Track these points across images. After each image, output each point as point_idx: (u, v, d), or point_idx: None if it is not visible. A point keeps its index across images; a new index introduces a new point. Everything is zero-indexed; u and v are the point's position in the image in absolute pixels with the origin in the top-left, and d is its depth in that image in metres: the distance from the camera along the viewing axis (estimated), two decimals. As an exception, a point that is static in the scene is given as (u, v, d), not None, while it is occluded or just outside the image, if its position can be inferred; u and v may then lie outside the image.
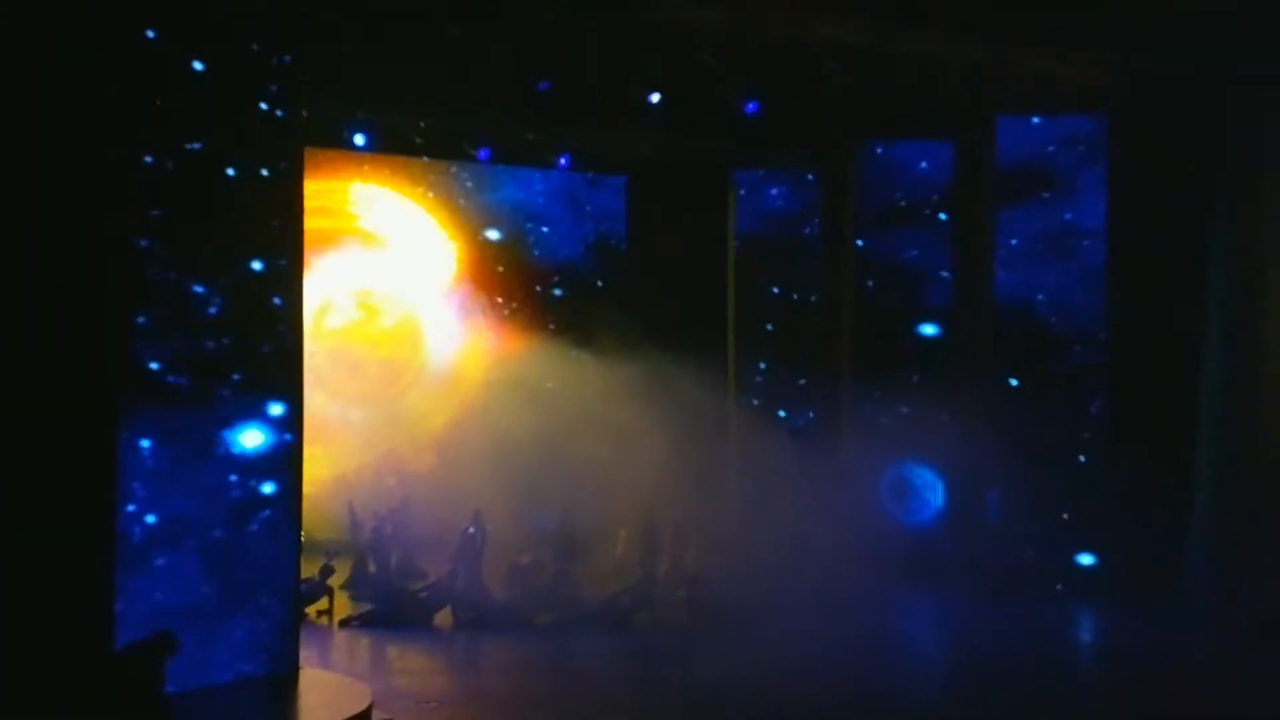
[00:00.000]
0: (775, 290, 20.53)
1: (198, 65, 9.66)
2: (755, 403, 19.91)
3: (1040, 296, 18.19)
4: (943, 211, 18.86)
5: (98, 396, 8.75)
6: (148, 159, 9.33)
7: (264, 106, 10.29)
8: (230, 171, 9.98)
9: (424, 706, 10.65)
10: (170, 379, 9.37)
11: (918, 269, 19.03)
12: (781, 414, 19.87)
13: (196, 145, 9.65)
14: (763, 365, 20.45)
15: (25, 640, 8.05)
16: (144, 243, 9.29)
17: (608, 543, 17.78)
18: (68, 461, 8.52)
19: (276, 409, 10.24)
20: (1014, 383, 17.90)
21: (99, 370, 8.75)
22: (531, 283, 21.53)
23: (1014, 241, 18.31)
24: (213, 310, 9.78)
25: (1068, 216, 18.09)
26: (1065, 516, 17.55)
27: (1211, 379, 16.12)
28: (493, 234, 21.35)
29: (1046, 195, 18.11)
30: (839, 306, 19.38)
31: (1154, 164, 16.80)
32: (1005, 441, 17.18)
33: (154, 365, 9.34)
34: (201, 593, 9.50)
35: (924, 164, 19.17)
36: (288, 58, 10.40)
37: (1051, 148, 18.18)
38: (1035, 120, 18.20)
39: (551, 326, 20.97)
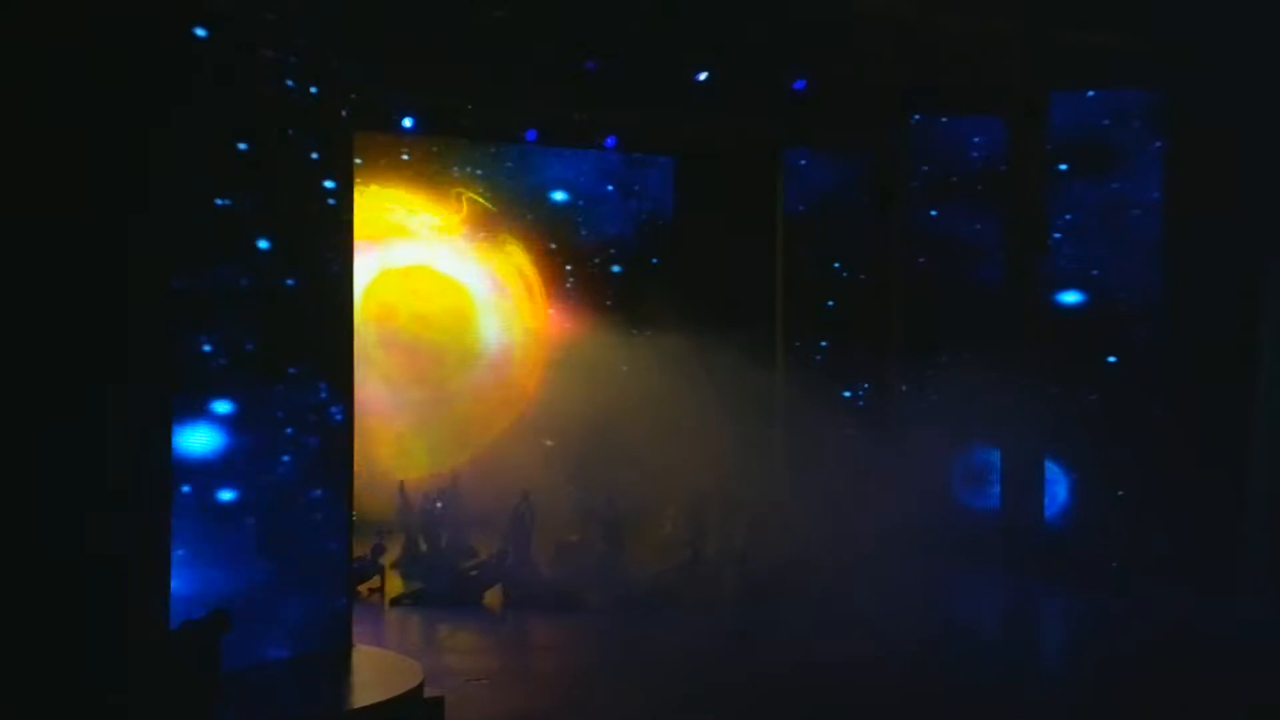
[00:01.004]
0: (825, 268, 20.47)
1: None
2: (804, 380, 19.86)
3: (1095, 272, 18.04)
4: (996, 187, 18.71)
5: (155, 383, 8.91)
6: (203, 139, 9.44)
7: (314, 90, 10.43)
8: (280, 155, 10.10)
9: (474, 684, 10.79)
10: (223, 362, 9.52)
11: (970, 245, 18.90)
12: (845, 393, 19.78)
13: (247, 130, 9.76)
14: (812, 343, 20.40)
15: (86, 619, 8.25)
16: (197, 222, 9.40)
17: (656, 521, 17.87)
18: (128, 444, 8.69)
19: (327, 390, 10.40)
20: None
21: (156, 356, 8.90)
22: (581, 263, 21.62)
23: (1068, 217, 18.15)
24: (265, 293, 9.92)
25: (1123, 192, 17.92)
26: (1120, 493, 17.45)
27: (1269, 369, 15.90)
28: (541, 214, 21.44)
29: (1102, 171, 17.94)
30: (889, 283, 19.30)
31: (1215, 141, 16.55)
32: (1062, 420, 17.09)
33: (207, 349, 9.50)
34: (256, 572, 9.67)
35: (977, 139, 19.02)
36: (337, 42, 10.53)
37: (1106, 122, 17.99)
38: (1090, 94, 18.02)
39: (601, 307, 21.05)
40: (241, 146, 9.76)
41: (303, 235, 10.28)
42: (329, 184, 10.56)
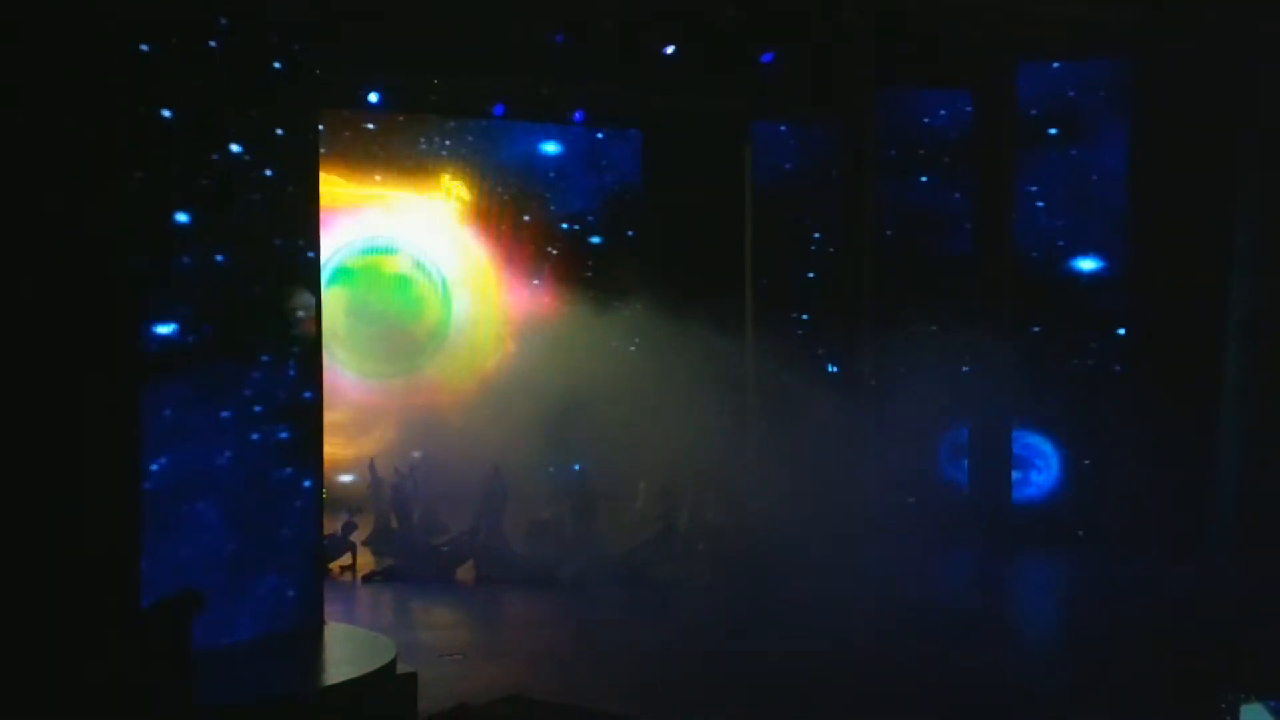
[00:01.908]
0: (794, 240, 20.53)
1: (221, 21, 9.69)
2: (777, 352, 19.92)
3: (1061, 243, 18.16)
4: (963, 158, 18.78)
5: (118, 356, 8.86)
6: (164, 117, 9.36)
7: (278, 66, 10.33)
8: (244, 132, 10.02)
9: (448, 659, 10.85)
10: (189, 338, 9.47)
11: (938, 217, 18.98)
12: (818, 365, 19.84)
13: (211, 108, 9.67)
14: (784, 315, 20.48)
15: (55, 600, 8.22)
16: (161, 202, 9.33)
17: (629, 496, 17.91)
18: (89, 421, 8.65)
19: (295, 368, 10.35)
20: (1035, 329, 17.93)
21: (120, 330, 8.85)
22: (551, 238, 21.61)
23: (1033, 188, 18.25)
24: (230, 269, 9.85)
25: (1088, 161, 18.03)
26: (1086, 463, 17.65)
27: (1238, 328, 16.07)
28: (510, 189, 21.40)
29: (1066, 141, 18.04)
30: (859, 256, 19.36)
31: (1178, 111, 16.67)
32: (1030, 390, 17.22)
33: (173, 325, 9.45)
34: (226, 550, 9.64)
35: (943, 111, 19.08)
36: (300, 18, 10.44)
37: (1072, 93, 18.08)
38: (1056, 65, 18.09)
39: (571, 281, 21.05)
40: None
41: (268, 212, 10.20)
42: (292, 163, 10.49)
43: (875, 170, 19.00)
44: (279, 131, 10.31)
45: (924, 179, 19.07)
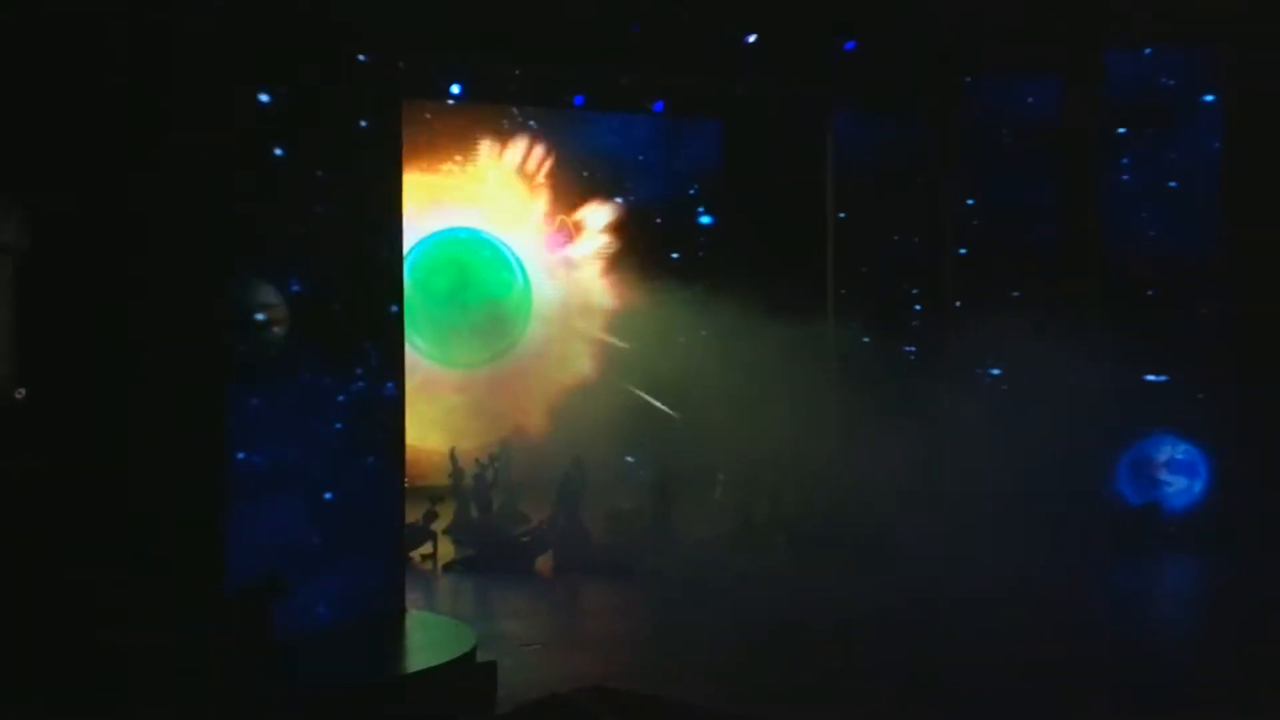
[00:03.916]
0: (877, 229, 20.24)
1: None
2: (858, 341, 19.68)
3: (1151, 233, 17.74)
4: (1050, 147, 18.40)
5: (206, 346, 9.00)
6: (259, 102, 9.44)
7: (361, 59, 10.40)
8: (328, 121, 10.10)
9: (527, 649, 10.85)
10: (274, 329, 9.57)
11: (1024, 206, 18.63)
12: (902, 356, 19.49)
13: (292, 99, 9.76)
14: (866, 305, 20.22)
15: (140, 585, 8.37)
16: (244, 189, 9.44)
17: (707, 488, 17.84)
18: (178, 410, 8.79)
19: (377, 358, 10.44)
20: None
21: (206, 319, 8.99)
22: (633, 226, 21.61)
23: (1125, 178, 17.85)
24: (314, 261, 9.95)
25: (1180, 150, 17.59)
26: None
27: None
28: (590, 177, 21.43)
29: (1159, 128, 17.61)
30: (943, 245, 19.08)
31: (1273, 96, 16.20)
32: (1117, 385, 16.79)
33: (259, 316, 9.56)
34: (309, 539, 9.76)
35: (1030, 99, 18.70)
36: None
37: (1164, 80, 17.64)
38: (1147, 51, 17.67)
39: (650, 271, 21.00)
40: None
41: (352, 202, 10.28)
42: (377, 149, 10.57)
43: (959, 158, 18.69)
44: (362, 123, 10.39)
45: (1012, 168, 18.70)
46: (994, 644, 11.03)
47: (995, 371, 17.94)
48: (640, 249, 21.39)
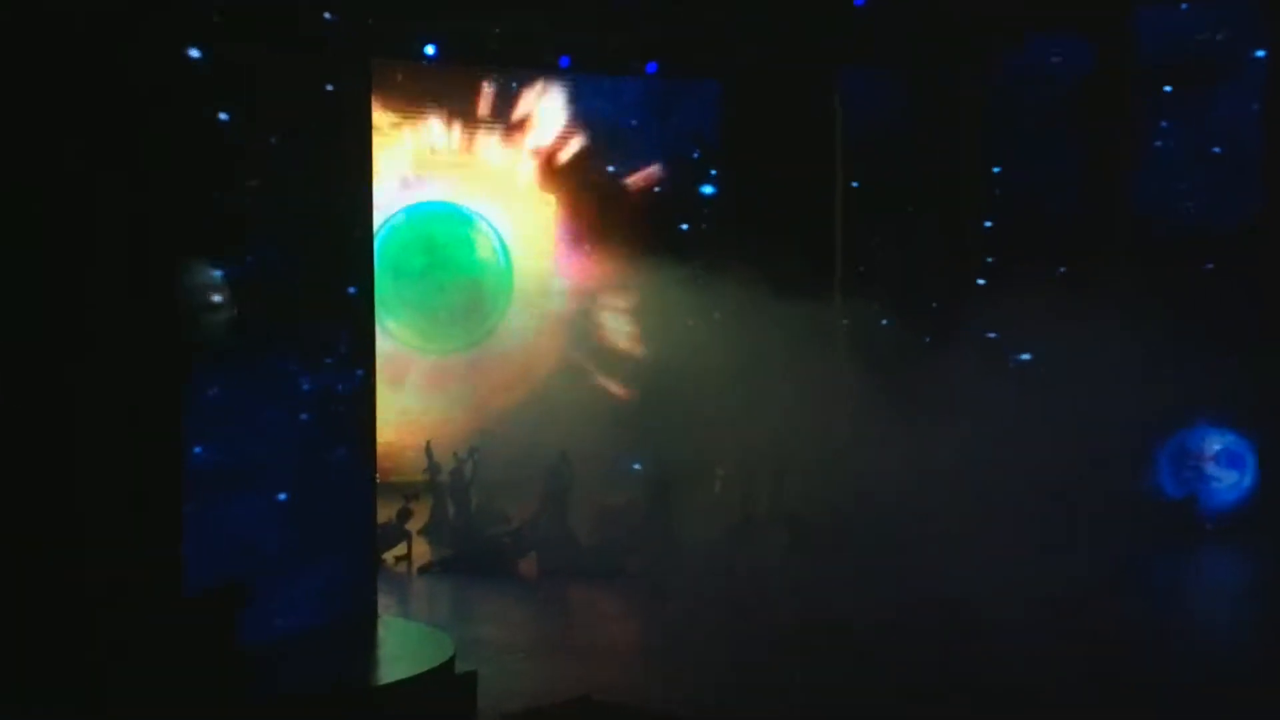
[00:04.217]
0: (890, 198, 20.32)
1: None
2: (869, 321, 19.78)
3: (1189, 205, 17.86)
4: (1080, 110, 18.52)
5: (162, 333, 9.09)
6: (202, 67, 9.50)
7: (328, 16, 10.46)
8: (291, 85, 10.15)
9: (510, 657, 11.00)
10: (235, 315, 9.65)
11: (1052, 175, 18.75)
12: (915, 338, 19.57)
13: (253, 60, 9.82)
14: (876, 285, 20.34)
15: (95, 588, 8.49)
16: (196, 160, 9.48)
17: (705, 482, 17.96)
18: (131, 401, 8.88)
19: (346, 345, 10.54)
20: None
21: (163, 306, 9.07)
22: (624, 199, 21.66)
23: (1158, 143, 17.98)
24: (277, 238, 10.02)
25: (1224, 111, 17.70)
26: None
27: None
28: (577, 145, 21.47)
29: (1196, 87, 17.72)
30: (963, 219, 19.21)
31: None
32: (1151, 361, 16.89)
33: (217, 299, 9.64)
34: (272, 538, 9.85)
35: (1057, 59, 18.81)
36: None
37: (1201, 37, 17.75)
38: (1184, 7, 17.79)
39: (644, 245, 21.07)
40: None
41: (318, 175, 10.37)
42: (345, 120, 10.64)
43: (979, 124, 18.81)
44: (329, 86, 10.45)
45: (1036, 132, 18.80)
46: (1023, 655, 10.88)
47: (1024, 356, 18.03)
48: (632, 222, 21.44)
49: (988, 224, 19.17)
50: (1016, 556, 13.52)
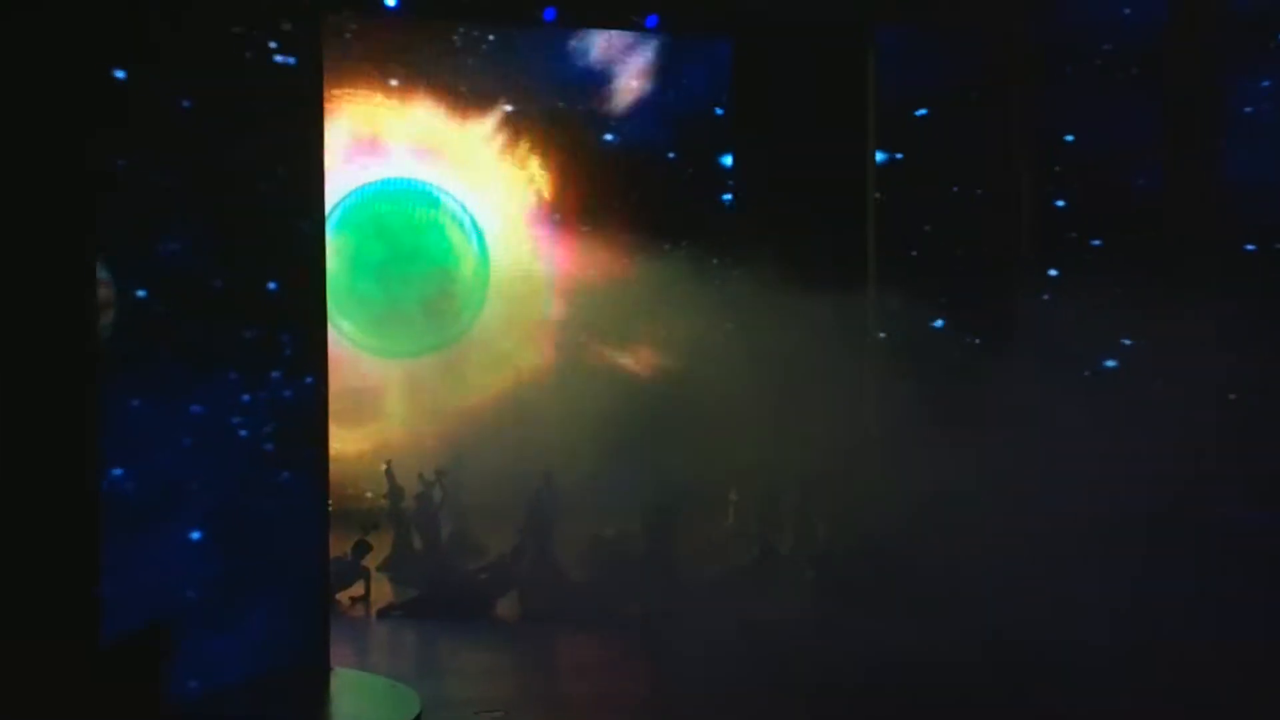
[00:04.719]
0: (928, 179, 20.34)
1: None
2: (907, 323, 19.77)
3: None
4: (1151, 73, 18.54)
5: (75, 337, 9.09)
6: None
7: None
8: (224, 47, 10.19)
9: (485, 716, 10.96)
10: (163, 315, 9.67)
11: (1118, 147, 18.77)
12: (957, 341, 19.62)
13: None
14: (919, 276, 20.34)
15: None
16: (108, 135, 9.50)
17: (716, 509, 17.97)
18: (40, 418, 8.88)
19: (293, 348, 10.57)
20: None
21: (76, 306, 9.08)
22: (618, 177, 21.68)
23: (1247, 109, 18.01)
24: (215, 229, 10.05)
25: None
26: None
27: None
28: (561, 113, 21.50)
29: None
30: (1012, 199, 19.22)
31: None
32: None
33: (142, 296, 9.66)
34: (206, 574, 9.87)
35: (1127, 10, 18.84)
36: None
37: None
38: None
39: (641, 231, 21.08)
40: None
41: (257, 149, 10.40)
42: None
43: (1033, 88, 18.81)
44: (273, 46, 10.49)
45: (1099, 98, 18.83)
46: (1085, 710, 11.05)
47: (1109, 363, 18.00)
48: (628, 206, 21.45)
49: (1060, 203, 19.14)
50: (1103, 594, 13.51)
